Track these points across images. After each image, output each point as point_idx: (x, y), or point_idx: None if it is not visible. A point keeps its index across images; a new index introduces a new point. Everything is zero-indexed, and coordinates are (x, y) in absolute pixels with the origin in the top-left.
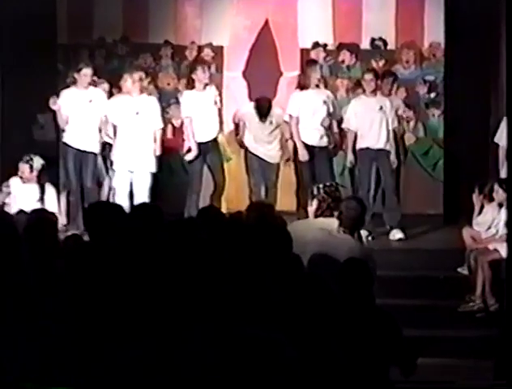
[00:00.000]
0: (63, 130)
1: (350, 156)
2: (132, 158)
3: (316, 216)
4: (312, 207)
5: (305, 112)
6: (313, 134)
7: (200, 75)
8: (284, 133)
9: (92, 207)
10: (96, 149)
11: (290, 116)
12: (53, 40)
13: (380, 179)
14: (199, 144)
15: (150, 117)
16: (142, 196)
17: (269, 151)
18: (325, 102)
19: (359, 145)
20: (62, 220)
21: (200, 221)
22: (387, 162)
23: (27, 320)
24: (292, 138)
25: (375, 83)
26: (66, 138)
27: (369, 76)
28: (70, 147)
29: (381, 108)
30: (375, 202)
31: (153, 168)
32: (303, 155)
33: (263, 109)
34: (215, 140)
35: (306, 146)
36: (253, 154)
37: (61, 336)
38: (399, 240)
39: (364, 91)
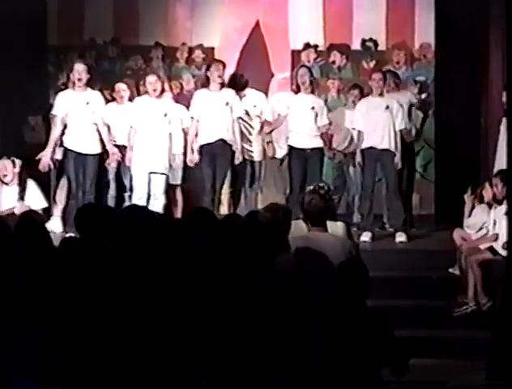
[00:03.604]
0: (63, 134)
1: (358, 156)
2: (151, 160)
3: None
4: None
5: (294, 114)
6: (303, 136)
7: (214, 74)
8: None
9: (83, 210)
10: (96, 151)
11: (279, 115)
12: (44, 42)
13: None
14: (206, 145)
15: (178, 118)
16: (159, 198)
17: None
18: (313, 108)
19: (364, 145)
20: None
21: (191, 223)
22: (391, 163)
23: (20, 320)
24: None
25: (383, 83)
26: (66, 142)
27: (377, 76)
28: (71, 150)
29: (387, 107)
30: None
31: (167, 171)
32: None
33: None
34: (223, 142)
35: (295, 148)
36: None
37: (55, 336)
38: (401, 243)
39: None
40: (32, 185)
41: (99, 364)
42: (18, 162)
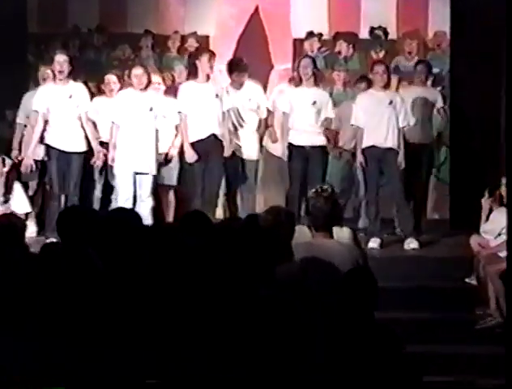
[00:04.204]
0: (45, 130)
1: (359, 156)
2: (136, 159)
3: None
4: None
5: (293, 109)
6: (303, 133)
7: (204, 64)
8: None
9: (65, 213)
10: (81, 149)
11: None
12: (23, 29)
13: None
14: (197, 142)
15: (167, 113)
16: (146, 200)
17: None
18: (314, 103)
19: (365, 143)
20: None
21: (184, 227)
22: (395, 163)
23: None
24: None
25: (387, 76)
26: (48, 139)
27: (380, 68)
28: (53, 148)
29: (390, 102)
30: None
31: (155, 171)
32: (284, 154)
33: None
34: (215, 137)
35: (295, 146)
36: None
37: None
38: (413, 249)
39: (369, 85)
40: (18, 188)
41: (95, 367)
42: (8, 162)
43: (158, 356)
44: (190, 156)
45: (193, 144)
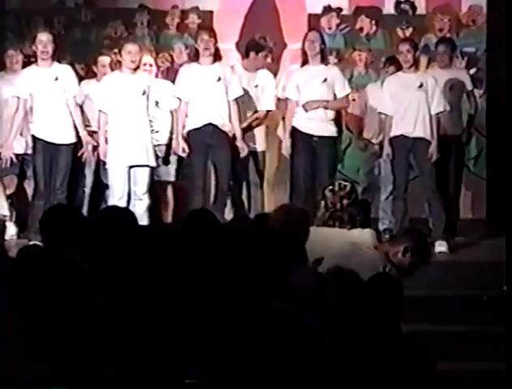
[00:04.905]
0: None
1: (386, 148)
2: (129, 150)
3: (324, 223)
4: (319, 211)
5: (303, 92)
6: (309, 119)
7: (202, 44)
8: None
9: (50, 212)
10: (70, 140)
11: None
12: (1, 5)
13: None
14: (194, 131)
15: (161, 98)
16: (143, 197)
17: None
18: (325, 80)
19: (392, 132)
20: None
21: (188, 228)
22: (426, 154)
23: None
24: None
25: (413, 56)
26: (34, 129)
27: (404, 46)
28: (39, 139)
29: (421, 85)
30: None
31: (153, 162)
32: (286, 148)
33: None
34: (214, 127)
35: (300, 133)
36: None
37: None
38: (440, 253)
39: (399, 68)
40: None
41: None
42: None
43: (149, 372)
44: (179, 147)
45: (190, 133)
